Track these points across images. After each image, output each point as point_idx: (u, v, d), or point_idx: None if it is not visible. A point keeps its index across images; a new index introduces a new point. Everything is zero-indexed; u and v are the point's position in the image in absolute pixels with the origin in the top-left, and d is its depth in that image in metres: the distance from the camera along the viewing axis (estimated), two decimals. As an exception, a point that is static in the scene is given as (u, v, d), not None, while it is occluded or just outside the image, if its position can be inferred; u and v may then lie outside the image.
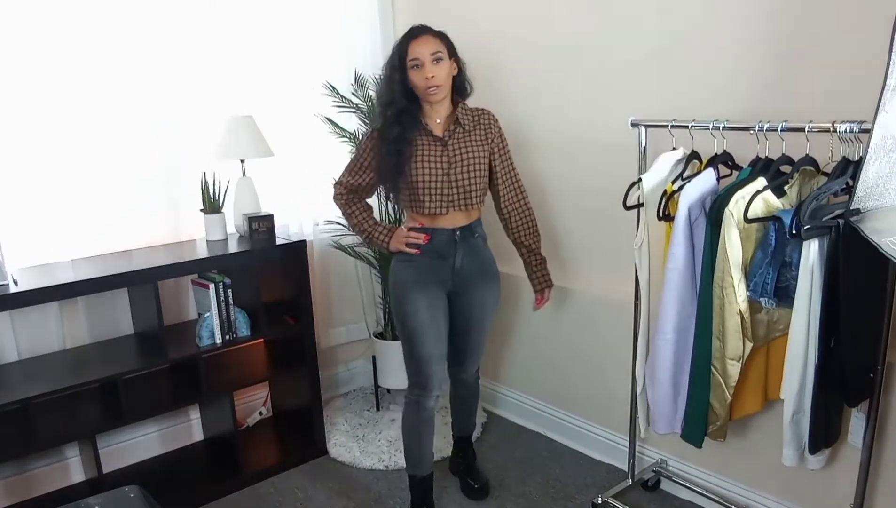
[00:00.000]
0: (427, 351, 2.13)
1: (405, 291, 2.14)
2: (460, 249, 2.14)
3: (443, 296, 2.18)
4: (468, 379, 2.42)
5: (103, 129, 2.47)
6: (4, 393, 2.14)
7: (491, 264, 2.25)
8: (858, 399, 1.76)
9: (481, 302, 2.22)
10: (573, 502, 2.43)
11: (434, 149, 2.08)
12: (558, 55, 2.55)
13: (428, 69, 2.00)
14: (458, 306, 2.22)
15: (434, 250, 2.13)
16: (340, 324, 3.25)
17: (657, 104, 2.25)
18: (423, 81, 2.01)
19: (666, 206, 1.91)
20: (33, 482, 2.48)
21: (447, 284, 2.18)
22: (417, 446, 2.24)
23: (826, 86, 1.85)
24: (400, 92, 2.04)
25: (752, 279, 1.74)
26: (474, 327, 2.25)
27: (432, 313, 2.13)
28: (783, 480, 2.12)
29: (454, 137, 2.11)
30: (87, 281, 2.17)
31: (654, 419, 2.04)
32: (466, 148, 2.10)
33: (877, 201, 1.49)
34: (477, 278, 2.20)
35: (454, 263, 2.15)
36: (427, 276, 2.14)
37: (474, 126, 2.14)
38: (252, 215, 2.58)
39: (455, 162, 2.08)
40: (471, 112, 2.17)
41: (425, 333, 2.12)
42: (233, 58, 2.72)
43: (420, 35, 2.03)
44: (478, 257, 2.20)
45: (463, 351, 2.30)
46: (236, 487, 2.56)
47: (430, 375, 2.15)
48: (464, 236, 2.15)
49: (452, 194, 2.09)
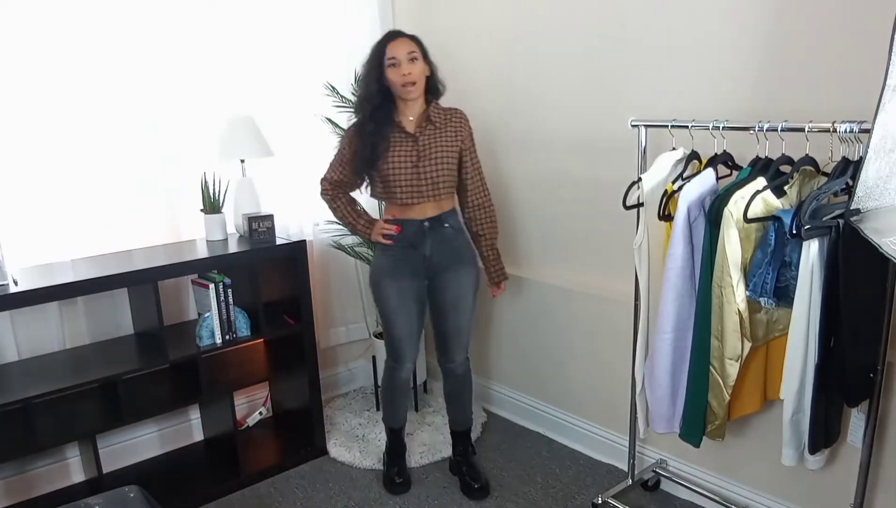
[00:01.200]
0: (399, 332, 2.38)
1: (380, 279, 2.36)
2: (429, 238, 2.30)
3: (417, 284, 2.36)
4: (457, 370, 2.47)
5: (103, 129, 2.47)
6: (4, 393, 2.14)
7: (464, 251, 2.38)
8: (858, 399, 1.75)
9: (455, 285, 2.35)
10: (573, 502, 2.43)
11: (405, 144, 2.25)
12: (558, 55, 2.55)
13: (404, 67, 2.17)
14: (434, 292, 2.39)
15: (405, 240, 2.31)
16: (340, 324, 3.25)
17: (657, 104, 2.25)
18: (399, 78, 2.17)
19: (666, 206, 1.91)
20: (33, 482, 2.48)
21: (420, 271, 2.34)
22: (392, 404, 2.54)
23: (826, 86, 1.85)
24: (376, 90, 2.20)
25: (752, 279, 1.74)
26: (450, 310, 2.37)
27: (403, 300, 2.34)
28: (783, 480, 2.12)
29: (425, 133, 2.27)
30: (87, 281, 2.17)
31: (653, 419, 2.04)
32: (436, 143, 2.26)
33: (877, 201, 1.49)
34: (449, 264, 2.34)
35: (424, 251, 2.31)
36: (400, 264, 2.33)
37: (445, 124, 2.30)
38: (252, 215, 2.58)
39: (424, 156, 2.24)
40: (443, 111, 2.32)
41: (397, 316, 2.35)
42: (233, 58, 2.72)
43: (397, 37, 2.20)
44: (449, 245, 2.34)
45: (445, 337, 2.42)
46: (236, 487, 2.56)
47: (402, 350, 2.41)
48: (433, 227, 2.30)
49: (421, 186, 2.24)
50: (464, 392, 2.54)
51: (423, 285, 2.37)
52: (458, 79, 3.04)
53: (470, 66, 2.92)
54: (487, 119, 2.88)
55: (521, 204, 2.85)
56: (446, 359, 2.46)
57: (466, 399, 2.56)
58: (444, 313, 2.38)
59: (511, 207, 2.89)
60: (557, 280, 2.72)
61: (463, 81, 2.97)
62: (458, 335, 2.42)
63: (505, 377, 3.07)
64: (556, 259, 2.76)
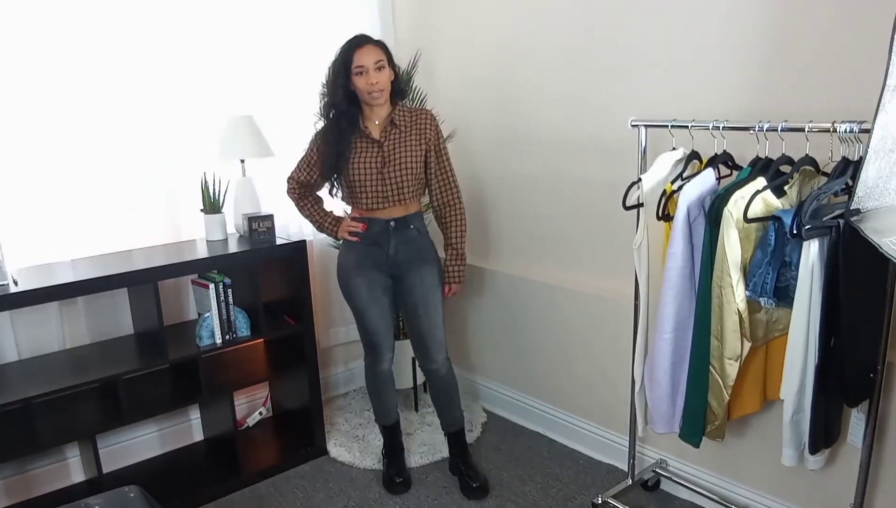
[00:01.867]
0: (373, 325, 2.42)
1: (348, 275, 2.40)
2: (394, 238, 2.34)
3: (383, 278, 2.40)
4: (440, 370, 2.47)
5: (103, 129, 2.47)
6: (4, 393, 2.14)
7: (427, 251, 2.40)
8: (858, 399, 1.75)
9: (420, 283, 2.38)
10: (573, 502, 2.43)
11: (370, 151, 2.27)
12: (558, 55, 2.55)
13: (372, 76, 2.18)
14: (400, 291, 2.42)
15: (370, 238, 2.35)
16: (340, 324, 3.25)
17: (657, 104, 2.25)
18: (367, 86, 2.18)
19: (665, 206, 1.91)
20: (33, 482, 2.48)
21: (384, 268, 2.39)
22: (380, 401, 2.56)
23: (826, 86, 1.85)
24: (342, 95, 2.21)
25: (752, 279, 1.74)
26: (420, 308, 2.39)
27: (373, 294, 2.39)
28: (783, 480, 2.12)
29: (389, 137, 2.28)
30: (87, 281, 2.17)
31: (653, 419, 2.04)
32: (400, 148, 2.28)
33: (877, 201, 1.49)
34: (413, 263, 2.37)
35: (388, 250, 2.35)
36: (365, 261, 2.37)
37: (410, 127, 2.30)
38: (252, 215, 2.58)
39: (388, 161, 2.26)
40: (409, 112, 2.33)
41: (369, 310, 2.40)
42: (233, 58, 2.72)
43: (364, 44, 2.20)
44: (412, 245, 2.37)
45: (421, 337, 2.43)
46: (236, 487, 2.56)
47: (377, 343, 2.46)
48: (398, 227, 2.33)
49: (386, 191, 2.27)
50: (450, 393, 2.53)
51: (388, 281, 2.41)
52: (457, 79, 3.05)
53: (469, 66, 2.92)
54: (486, 119, 2.88)
55: (522, 204, 2.85)
56: (428, 361, 2.46)
57: (454, 399, 2.54)
58: (416, 313, 2.40)
59: (511, 207, 2.89)
60: (558, 280, 2.72)
61: (462, 80, 2.97)
62: (434, 332, 2.41)
63: (505, 376, 3.07)
64: (557, 259, 2.76)
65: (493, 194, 2.96)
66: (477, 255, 3.09)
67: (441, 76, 3.06)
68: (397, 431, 2.63)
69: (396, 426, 2.62)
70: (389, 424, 2.60)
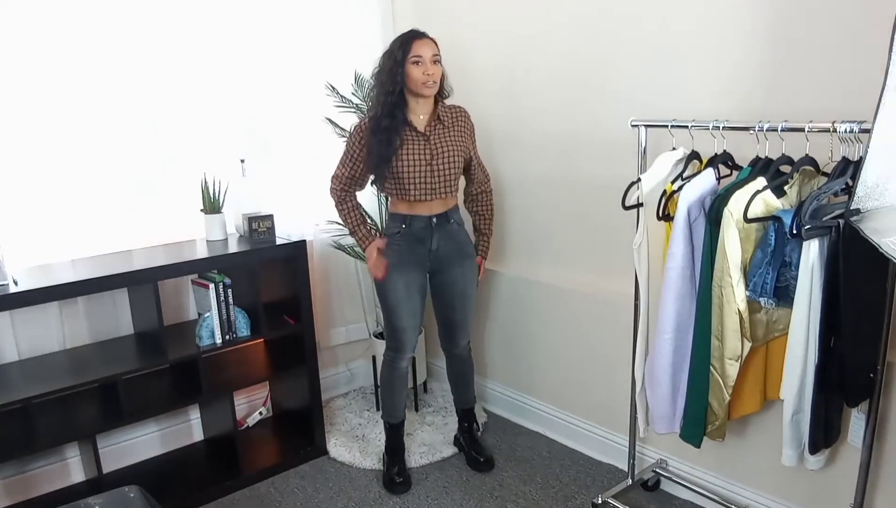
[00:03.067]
0: (403, 323, 2.45)
1: (388, 270, 2.40)
2: (436, 233, 2.38)
3: (420, 276, 2.44)
4: (461, 353, 2.63)
5: (103, 129, 2.47)
6: (4, 393, 2.14)
7: (466, 245, 2.49)
8: (858, 399, 1.75)
9: (462, 278, 2.47)
10: (573, 502, 2.43)
11: (418, 142, 2.30)
12: (559, 55, 2.55)
13: (429, 67, 2.23)
14: (439, 285, 2.49)
15: (412, 235, 2.38)
16: (340, 324, 3.25)
17: (657, 104, 2.25)
18: (422, 76, 2.23)
19: (666, 206, 1.91)
20: (33, 482, 2.48)
21: (425, 264, 2.43)
22: (391, 397, 2.58)
23: (826, 86, 1.85)
24: (400, 83, 2.24)
25: (752, 279, 1.74)
26: (458, 300, 2.49)
27: (408, 292, 2.41)
28: (783, 480, 2.12)
29: (435, 132, 2.33)
30: (87, 281, 2.17)
31: (654, 419, 2.04)
32: (446, 142, 2.33)
33: (877, 201, 1.49)
34: (454, 258, 2.44)
35: (431, 246, 2.39)
36: (405, 258, 2.39)
37: (453, 123, 2.38)
38: (252, 215, 2.59)
39: (437, 154, 2.31)
40: (449, 110, 2.40)
41: (402, 308, 2.42)
42: (233, 58, 2.72)
43: (424, 37, 2.27)
44: (453, 239, 2.43)
45: (451, 325, 2.55)
46: (236, 487, 2.56)
47: (404, 341, 2.48)
48: (440, 223, 2.38)
49: (435, 183, 2.31)
50: (467, 373, 2.68)
51: (425, 278, 2.47)
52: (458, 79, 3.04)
53: (469, 66, 2.92)
54: (487, 119, 2.88)
55: (522, 204, 2.85)
56: (452, 345, 2.60)
57: (470, 379, 2.70)
58: (453, 305, 2.50)
59: (511, 207, 2.89)
60: (558, 280, 2.72)
61: (462, 80, 2.97)
62: (465, 323, 2.56)
63: (505, 376, 3.07)
64: (557, 259, 2.76)
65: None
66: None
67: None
68: (401, 430, 2.64)
69: (401, 425, 2.63)
70: (395, 422, 2.61)
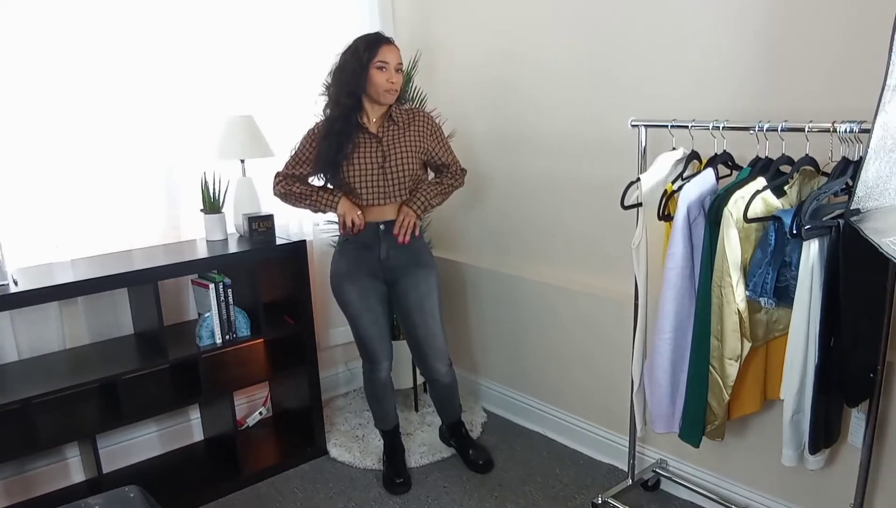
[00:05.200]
0: (367, 332, 2.39)
1: (340, 282, 2.37)
2: (384, 241, 2.31)
3: (376, 284, 2.37)
4: (442, 380, 2.48)
5: (103, 129, 2.47)
6: (4, 393, 2.13)
7: (421, 255, 2.38)
8: (858, 399, 1.75)
9: (415, 289, 2.35)
10: (573, 502, 2.43)
11: (369, 145, 2.25)
12: (559, 56, 2.55)
13: (393, 75, 2.20)
14: (396, 300, 2.41)
15: (360, 242, 2.32)
16: (340, 324, 3.24)
17: (657, 104, 2.25)
18: (386, 83, 2.19)
19: (666, 205, 1.91)
20: (33, 482, 2.48)
21: (378, 273, 2.36)
22: (379, 407, 2.56)
23: (826, 86, 1.85)
24: (362, 87, 2.19)
25: (752, 279, 1.74)
26: (416, 313, 2.36)
27: (366, 301, 2.36)
28: (783, 480, 2.12)
29: (388, 133, 2.28)
30: (87, 281, 2.17)
31: (653, 419, 2.04)
32: (400, 143, 2.27)
33: (877, 201, 1.49)
34: (407, 267, 2.35)
35: (380, 254, 2.32)
36: (357, 266, 2.35)
37: (408, 124, 2.31)
38: (252, 215, 2.58)
39: (389, 156, 2.25)
40: (405, 112, 2.34)
41: (362, 317, 2.37)
42: (233, 58, 2.72)
43: (391, 43, 2.22)
44: (405, 249, 2.32)
45: (419, 344, 2.41)
46: (236, 487, 2.56)
47: (374, 349, 2.43)
48: (388, 231, 2.29)
49: (387, 186, 2.25)
50: (451, 396, 2.59)
51: (382, 287, 2.38)
52: (458, 79, 3.05)
53: (469, 66, 2.92)
54: (487, 119, 2.88)
55: (521, 204, 2.85)
56: (429, 371, 2.46)
57: (452, 399, 2.60)
58: (412, 319, 2.38)
59: (510, 206, 2.89)
60: (558, 280, 2.72)
61: (462, 81, 2.97)
62: (433, 341, 2.40)
63: (505, 376, 3.07)
64: (557, 259, 2.76)
65: (492, 195, 2.96)
66: (476, 255, 3.09)
67: (441, 76, 3.06)
68: (397, 434, 2.64)
69: (396, 430, 2.63)
70: (388, 429, 2.61)
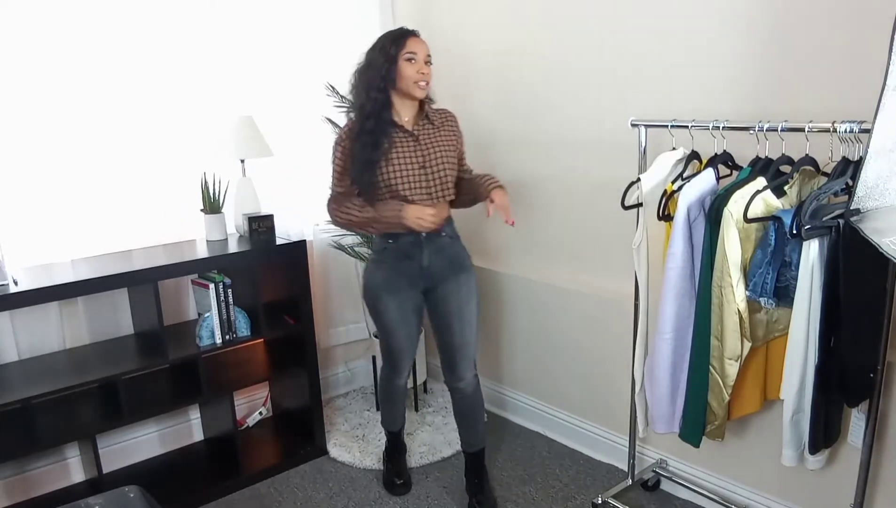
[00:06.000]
0: (399, 345, 2.31)
1: (377, 293, 2.25)
2: (426, 248, 2.20)
3: (414, 296, 2.27)
4: (466, 389, 2.31)
5: (103, 129, 2.47)
6: (4, 393, 2.14)
7: (462, 259, 2.29)
8: (858, 399, 1.75)
9: (456, 294, 2.25)
10: (573, 502, 2.43)
11: (407, 143, 2.14)
12: (559, 56, 2.55)
13: (423, 66, 2.11)
14: (433, 302, 2.29)
15: (400, 251, 2.20)
16: (340, 324, 3.25)
17: (657, 104, 2.25)
18: (416, 74, 2.09)
19: (666, 205, 1.91)
20: (33, 482, 2.48)
21: (418, 282, 2.24)
22: (390, 409, 2.53)
23: (826, 86, 1.85)
24: (391, 81, 2.09)
25: (752, 279, 1.74)
26: (454, 319, 2.25)
27: (402, 314, 2.26)
28: (783, 480, 2.12)
29: (424, 131, 2.18)
30: (87, 281, 2.17)
31: (653, 419, 2.04)
32: (438, 142, 2.19)
33: (877, 201, 1.49)
34: (447, 273, 2.25)
35: (422, 262, 2.21)
36: (396, 276, 2.23)
37: (442, 124, 2.24)
38: (252, 215, 2.58)
39: (429, 155, 2.15)
40: (437, 111, 2.27)
41: (397, 330, 2.28)
42: (233, 58, 2.72)
43: (418, 36, 2.14)
44: (445, 253, 2.24)
45: (452, 350, 2.27)
46: (236, 487, 2.56)
47: (399, 361, 2.37)
48: (430, 237, 2.19)
49: (431, 187, 2.15)
50: (475, 411, 2.37)
51: (420, 296, 2.28)
52: (458, 79, 3.04)
53: (470, 66, 2.92)
54: (488, 119, 2.88)
55: (521, 204, 2.84)
56: (455, 378, 2.30)
57: (475, 419, 2.38)
58: (449, 325, 2.25)
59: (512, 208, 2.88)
60: (557, 280, 2.72)
61: (463, 81, 2.97)
62: (465, 348, 2.27)
63: (505, 376, 3.07)
64: (556, 259, 2.76)
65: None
66: (476, 255, 3.08)
67: (441, 76, 3.05)
68: (400, 436, 2.62)
69: (400, 431, 2.60)
70: (395, 430, 2.58)
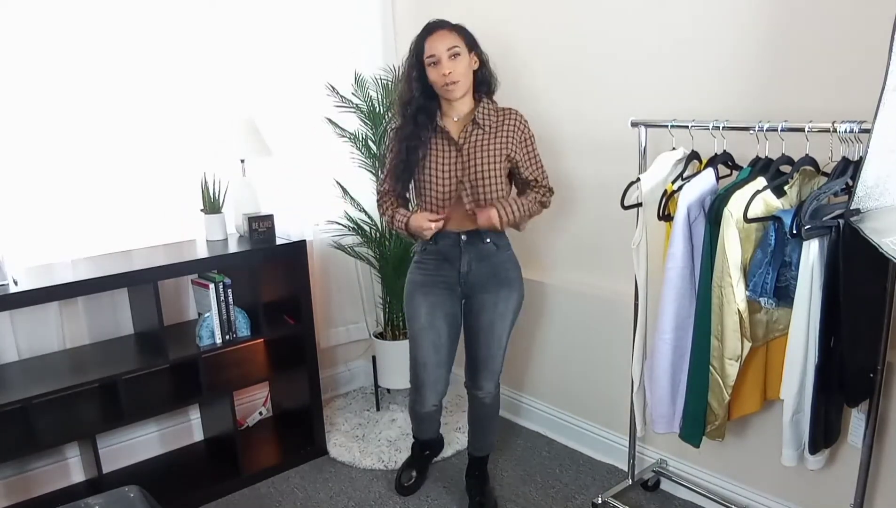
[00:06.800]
0: (422, 357, 2.15)
1: (411, 294, 2.16)
2: (466, 253, 2.08)
3: (449, 301, 2.14)
4: (485, 399, 2.24)
5: (103, 129, 2.47)
6: (4, 393, 2.13)
7: (507, 272, 2.12)
8: (858, 399, 1.76)
9: (491, 309, 2.11)
10: (573, 502, 2.43)
11: (448, 152, 2.03)
12: (559, 55, 2.55)
13: (445, 66, 1.94)
14: (468, 313, 2.18)
15: (439, 254, 2.11)
16: (340, 324, 3.25)
17: (657, 104, 2.25)
18: (440, 78, 1.96)
19: (666, 206, 1.91)
20: (33, 482, 2.48)
21: (456, 289, 2.13)
22: (419, 430, 2.46)
23: (826, 86, 1.85)
24: (419, 90, 2.01)
25: (752, 279, 1.74)
26: (482, 332, 2.14)
27: (431, 319, 2.12)
28: (783, 480, 2.12)
29: (470, 139, 2.03)
30: (87, 281, 2.17)
31: (653, 419, 2.04)
32: (482, 152, 2.01)
33: (877, 201, 1.49)
34: (488, 284, 2.11)
35: (460, 267, 2.09)
36: (433, 279, 2.13)
37: (496, 128, 2.04)
38: (252, 215, 2.58)
39: (468, 168, 2.02)
40: (494, 112, 2.06)
41: (423, 338, 2.14)
42: (233, 58, 2.72)
43: (436, 30, 1.98)
44: (488, 262, 2.10)
45: (476, 362, 2.20)
46: (236, 487, 2.56)
47: (423, 379, 2.18)
48: (471, 241, 2.07)
49: (467, 198, 2.04)
50: (489, 419, 2.32)
51: (458, 305, 2.15)
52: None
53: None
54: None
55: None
56: (476, 388, 2.24)
57: (488, 427, 2.33)
58: (477, 338, 2.16)
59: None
60: (557, 280, 2.72)
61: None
62: (490, 362, 2.17)
63: (504, 377, 3.05)
64: (556, 259, 2.76)
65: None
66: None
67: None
68: (426, 447, 2.55)
69: (431, 441, 2.55)
70: (425, 439, 2.52)
